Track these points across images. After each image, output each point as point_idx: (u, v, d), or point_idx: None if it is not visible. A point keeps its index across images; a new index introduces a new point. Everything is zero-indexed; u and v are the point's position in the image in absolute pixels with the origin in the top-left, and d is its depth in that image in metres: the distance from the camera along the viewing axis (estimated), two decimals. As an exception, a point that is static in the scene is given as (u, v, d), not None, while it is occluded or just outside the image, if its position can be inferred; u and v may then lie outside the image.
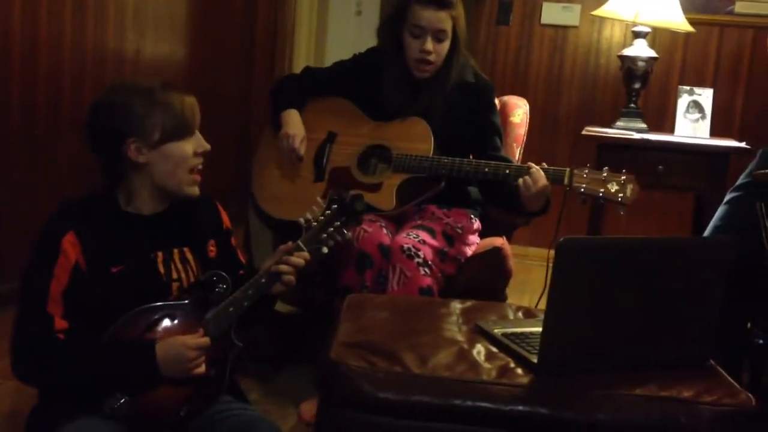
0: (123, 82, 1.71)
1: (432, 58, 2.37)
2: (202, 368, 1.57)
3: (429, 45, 2.35)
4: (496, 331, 1.64)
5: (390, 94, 2.44)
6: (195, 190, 1.69)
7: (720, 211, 2.36)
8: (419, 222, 2.37)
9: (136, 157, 1.62)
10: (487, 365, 1.49)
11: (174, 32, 3.90)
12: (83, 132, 1.67)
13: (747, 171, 2.34)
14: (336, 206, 1.73)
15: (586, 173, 2.19)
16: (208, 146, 1.69)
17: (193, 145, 1.66)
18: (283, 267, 1.66)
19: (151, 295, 1.60)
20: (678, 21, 3.38)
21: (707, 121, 3.32)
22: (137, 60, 3.56)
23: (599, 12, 3.48)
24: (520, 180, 2.20)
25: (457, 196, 2.45)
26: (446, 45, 2.39)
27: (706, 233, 2.39)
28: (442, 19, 2.34)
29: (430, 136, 2.38)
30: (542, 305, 1.91)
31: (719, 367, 1.59)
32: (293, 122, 2.48)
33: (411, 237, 2.25)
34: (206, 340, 1.57)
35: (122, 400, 1.51)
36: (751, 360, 2.23)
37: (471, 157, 2.38)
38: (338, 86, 2.53)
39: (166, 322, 1.59)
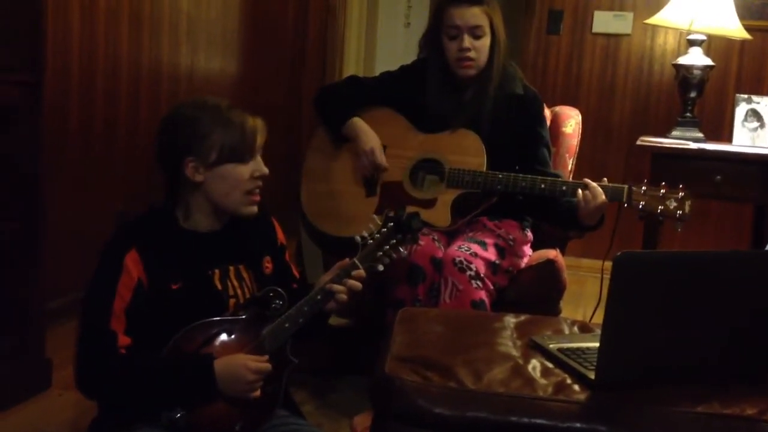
0: (194, 98, 1.72)
1: (472, 54, 2.36)
2: (258, 392, 1.57)
3: (466, 42, 2.35)
4: (551, 346, 1.62)
5: (434, 99, 2.43)
6: (252, 210, 1.69)
7: None
8: (471, 234, 2.36)
9: (193, 176, 1.64)
10: (542, 381, 1.48)
11: (226, 47, 3.96)
12: (154, 147, 1.69)
13: None
14: (392, 224, 1.73)
15: (644, 190, 2.16)
16: (266, 170, 1.68)
17: (251, 168, 1.66)
18: (339, 287, 1.67)
19: (209, 311, 1.61)
20: (734, 28, 3.31)
21: (766, 130, 3.24)
22: (191, 76, 3.63)
23: (653, 20, 3.42)
24: (579, 193, 2.18)
25: (508, 207, 2.43)
26: (485, 42, 2.37)
27: None
28: (476, 15, 2.35)
29: (482, 149, 2.36)
30: (597, 318, 1.89)
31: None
32: (365, 132, 2.43)
33: (463, 250, 2.24)
34: (268, 366, 1.58)
35: (180, 414, 1.53)
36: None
37: (517, 170, 2.36)
38: (385, 96, 2.52)
39: (224, 337, 1.61)
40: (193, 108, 1.65)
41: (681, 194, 2.14)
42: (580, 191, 2.18)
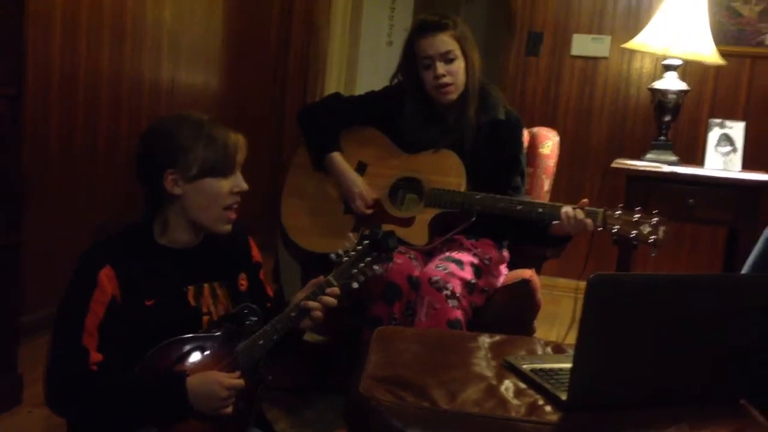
0: (177, 112, 1.73)
1: (448, 80, 2.39)
2: (230, 408, 1.57)
3: (440, 69, 2.38)
4: (524, 366, 1.63)
5: (416, 130, 2.46)
6: (227, 228, 1.70)
7: (757, 248, 2.34)
8: (448, 253, 2.37)
9: (172, 189, 1.64)
10: (515, 402, 1.49)
11: (208, 62, 3.97)
12: (134, 160, 1.70)
13: None
14: (368, 242, 1.75)
15: (618, 214, 2.18)
16: (245, 186, 1.69)
17: (231, 183, 1.67)
18: (313, 304, 1.68)
19: (183, 327, 1.61)
20: (709, 53, 3.37)
21: (739, 155, 3.29)
22: (172, 90, 3.63)
23: (630, 45, 3.48)
24: (563, 213, 2.20)
25: (485, 227, 2.45)
26: (459, 65, 2.41)
27: (744, 271, 2.36)
28: (444, 41, 2.39)
29: (462, 170, 2.39)
30: (571, 338, 1.91)
31: (751, 407, 1.57)
32: (347, 176, 2.46)
33: (440, 269, 2.25)
34: (241, 382, 1.58)
35: (152, 432, 1.53)
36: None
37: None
38: (368, 115, 2.55)
39: (197, 354, 1.61)
40: (176, 121, 1.66)
41: (655, 220, 2.14)
42: (564, 214, 2.20)
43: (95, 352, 1.56)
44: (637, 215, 2.16)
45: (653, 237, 2.14)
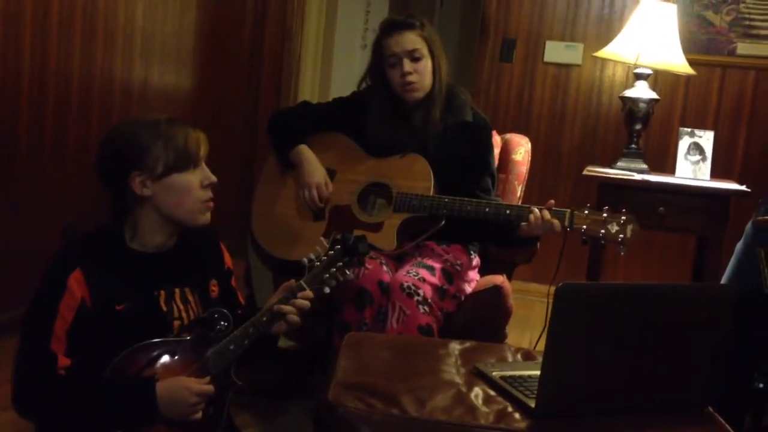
0: (131, 117, 1.74)
1: (414, 78, 2.40)
2: (200, 414, 1.57)
3: (407, 66, 2.39)
4: (494, 373, 1.64)
5: (382, 130, 2.46)
6: (206, 218, 1.70)
7: (732, 263, 2.37)
8: (419, 259, 2.38)
9: (141, 191, 1.63)
10: (484, 409, 1.50)
11: (181, 63, 3.94)
12: (94, 168, 1.68)
13: (752, 218, 2.36)
14: (339, 247, 1.75)
15: (586, 213, 2.20)
16: (214, 178, 1.70)
17: (199, 176, 1.67)
18: (287, 308, 1.68)
19: (153, 332, 1.60)
20: (679, 63, 3.41)
21: (708, 163, 3.33)
22: (144, 90, 3.60)
23: (601, 53, 3.51)
24: (531, 217, 2.21)
25: (455, 233, 2.46)
26: (425, 64, 2.41)
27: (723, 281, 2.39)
28: (411, 39, 2.40)
29: (430, 174, 2.39)
30: (542, 344, 1.92)
31: (717, 414, 1.59)
32: (309, 163, 2.46)
33: (411, 275, 2.26)
34: (210, 388, 1.57)
35: (120, 438, 1.52)
36: (751, 405, 2.23)
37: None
38: (337, 121, 2.55)
39: (166, 358, 1.60)
40: (132, 125, 1.66)
41: (623, 218, 2.17)
42: (532, 216, 2.22)
43: (63, 356, 1.54)
44: (605, 214, 2.18)
45: (621, 235, 2.16)
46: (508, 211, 2.29)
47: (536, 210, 2.22)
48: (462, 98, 2.51)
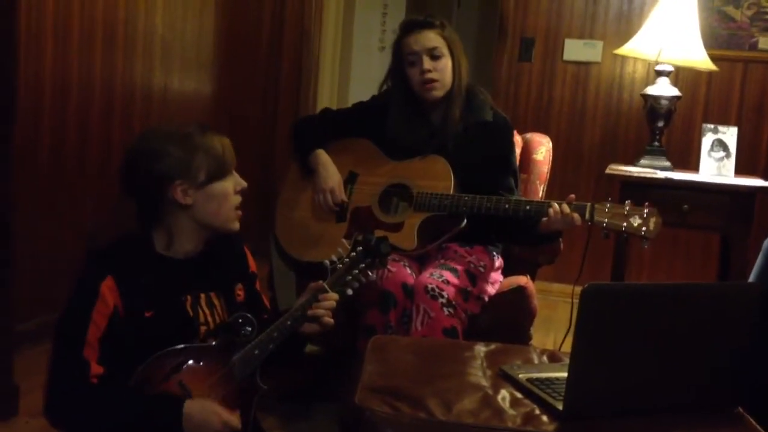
0: (156, 129, 1.75)
1: (434, 75, 2.40)
2: None
3: (426, 64, 2.39)
4: (520, 376, 1.63)
5: (402, 129, 2.47)
6: (237, 225, 1.73)
7: (759, 261, 2.34)
8: (442, 261, 2.37)
9: (183, 199, 1.65)
10: (511, 412, 1.49)
11: (201, 69, 3.96)
12: (119, 178, 1.69)
13: None
14: (361, 248, 1.75)
15: (608, 207, 2.17)
16: (245, 183, 1.73)
17: (233, 182, 1.71)
18: (321, 311, 1.68)
19: (179, 338, 1.61)
20: (700, 59, 3.38)
21: (732, 160, 3.30)
22: (164, 96, 3.62)
23: (622, 51, 3.49)
24: (551, 211, 2.20)
25: (477, 234, 2.45)
26: (445, 62, 2.42)
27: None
28: (431, 38, 2.41)
29: (450, 173, 2.39)
30: (567, 345, 1.91)
31: (747, 414, 1.58)
32: (325, 168, 2.48)
33: (434, 277, 2.25)
34: (238, 422, 1.58)
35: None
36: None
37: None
38: (357, 126, 2.56)
39: (192, 364, 1.60)
40: (164, 137, 1.67)
41: (646, 211, 2.13)
42: (551, 210, 2.20)
43: (96, 364, 1.55)
44: (627, 207, 2.15)
45: (644, 228, 2.12)
46: (527, 207, 2.27)
47: (556, 204, 2.20)
48: (481, 98, 2.50)
